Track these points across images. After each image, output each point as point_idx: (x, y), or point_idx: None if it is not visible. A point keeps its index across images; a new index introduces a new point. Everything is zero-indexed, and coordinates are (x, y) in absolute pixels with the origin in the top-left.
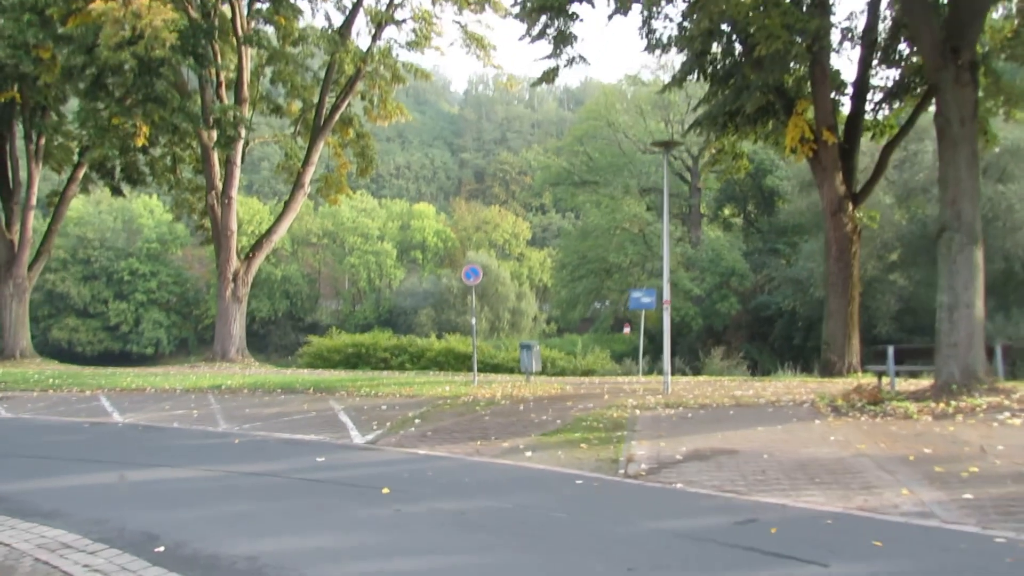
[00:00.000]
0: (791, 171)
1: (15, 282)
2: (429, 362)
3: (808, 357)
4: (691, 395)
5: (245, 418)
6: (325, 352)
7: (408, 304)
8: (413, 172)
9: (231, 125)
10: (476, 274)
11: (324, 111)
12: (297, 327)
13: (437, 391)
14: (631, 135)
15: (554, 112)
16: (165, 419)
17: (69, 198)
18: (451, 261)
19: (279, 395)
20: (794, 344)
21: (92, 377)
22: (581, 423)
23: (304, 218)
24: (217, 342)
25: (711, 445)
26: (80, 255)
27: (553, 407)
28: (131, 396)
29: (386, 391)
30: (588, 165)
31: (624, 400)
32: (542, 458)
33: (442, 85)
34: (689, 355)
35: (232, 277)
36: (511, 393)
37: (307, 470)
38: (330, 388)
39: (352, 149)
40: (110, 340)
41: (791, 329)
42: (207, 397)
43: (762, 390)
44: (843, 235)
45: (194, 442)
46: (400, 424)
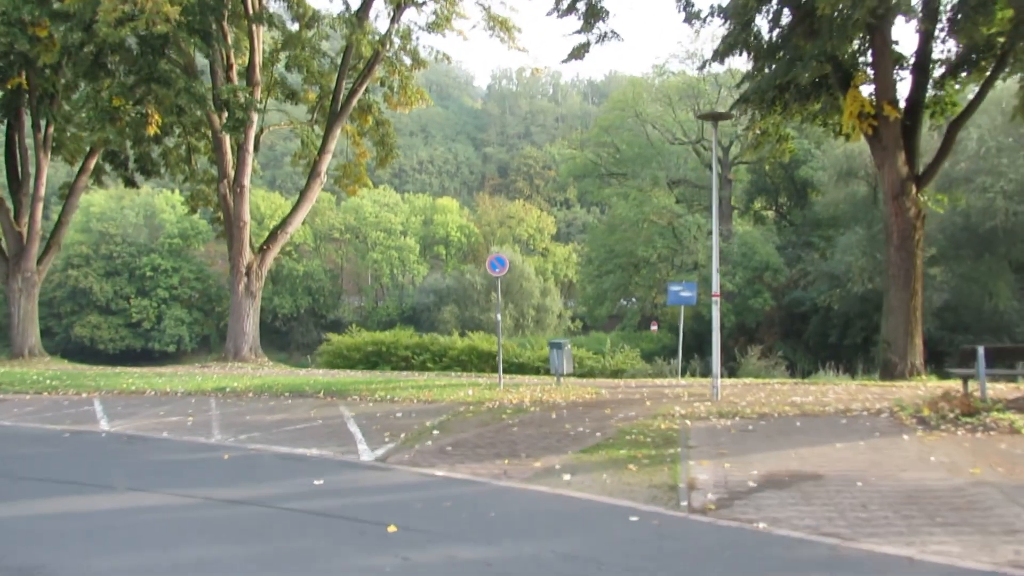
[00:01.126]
0: (827, 161)
1: (24, 276)
2: (451, 361)
3: (846, 356)
4: (744, 401)
5: (243, 427)
6: (345, 350)
7: (431, 300)
8: (436, 167)
9: (240, 107)
10: (502, 264)
11: (341, 97)
12: (319, 324)
13: (459, 396)
14: (659, 126)
15: (578, 106)
16: (155, 427)
17: (80, 189)
18: (474, 256)
19: (286, 399)
20: (829, 342)
21: (93, 378)
22: (625, 436)
23: (326, 213)
24: (229, 340)
25: (787, 467)
26: (102, 251)
27: (590, 416)
28: (127, 400)
29: (403, 395)
30: (615, 157)
31: (669, 408)
32: (583, 483)
33: (465, 80)
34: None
35: (245, 270)
36: (541, 398)
37: (300, 497)
38: (342, 391)
39: (371, 137)
40: (132, 337)
41: (826, 326)
42: (208, 401)
43: (822, 396)
44: (906, 221)
45: (178, 457)
46: (416, 436)
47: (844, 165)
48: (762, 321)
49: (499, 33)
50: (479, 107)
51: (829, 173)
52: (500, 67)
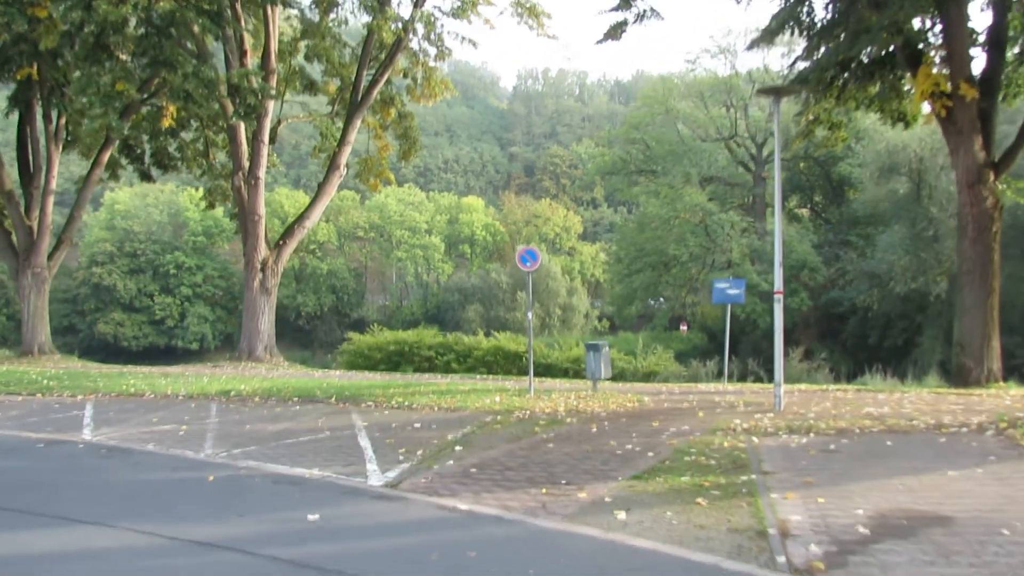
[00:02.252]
0: (868, 156)
1: (34, 271)
2: (476, 362)
3: (886, 358)
4: (811, 413)
5: (240, 438)
6: (366, 350)
7: (456, 299)
8: (462, 166)
9: (252, 93)
10: (533, 258)
11: (362, 87)
12: (343, 322)
13: (485, 403)
14: (689, 122)
15: (605, 105)
16: (142, 437)
17: (93, 183)
18: (500, 255)
19: (293, 405)
20: (868, 343)
21: (94, 379)
22: (683, 457)
23: (351, 211)
24: (243, 339)
25: (898, 504)
26: (127, 248)
27: (636, 430)
28: (123, 404)
29: (422, 402)
30: (645, 154)
31: (727, 420)
32: (644, 524)
33: (491, 81)
34: (755, 355)
35: (260, 266)
36: (577, 407)
37: (286, 539)
38: (356, 397)
39: (394, 131)
40: (155, 335)
41: (865, 327)
42: (209, 406)
43: (898, 406)
44: (982, 211)
45: (156, 476)
46: (435, 453)
47: (886, 161)
48: (798, 322)
49: (527, 20)
50: (505, 107)
51: (870, 169)
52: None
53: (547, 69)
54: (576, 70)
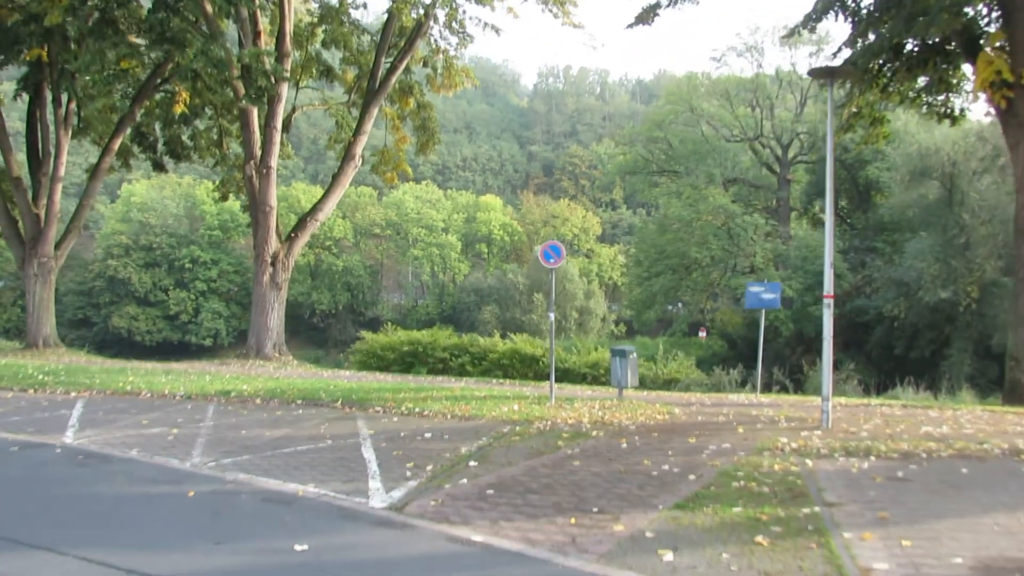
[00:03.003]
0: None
1: (40, 261)
2: (492, 364)
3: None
4: (862, 431)
5: (233, 445)
6: (379, 350)
7: (472, 300)
8: (480, 164)
9: (263, 75)
10: (557, 254)
11: (380, 73)
12: (358, 321)
13: (502, 411)
14: (713, 121)
15: (626, 105)
16: (127, 442)
17: (103, 171)
18: (517, 256)
19: (296, 409)
20: (894, 354)
21: (92, 375)
22: (731, 482)
23: (367, 208)
24: (251, 335)
25: (1000, 549)
26: (142, 241)
27: (672, 446)
28: (116, 403)
29: (434, 408)
30: (667, 153)
31: (772, 438)
32: (697, 570)
33: (511, 79)
34: (777, 363)
35: (271, 260)
36: (602, 418)
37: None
38: (363, 401)
39: (412, 121)
40: (169, 330)
41: (891, 337)
42: (206, 408)
43: (957, 426)
44: None
45: (131, 490)
46: (447, 469)
47: (917, 164)
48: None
49: (552, 7)
50: (525, 105)
51: (901, 173)
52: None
53: (568, 67)
54: (597, 68)
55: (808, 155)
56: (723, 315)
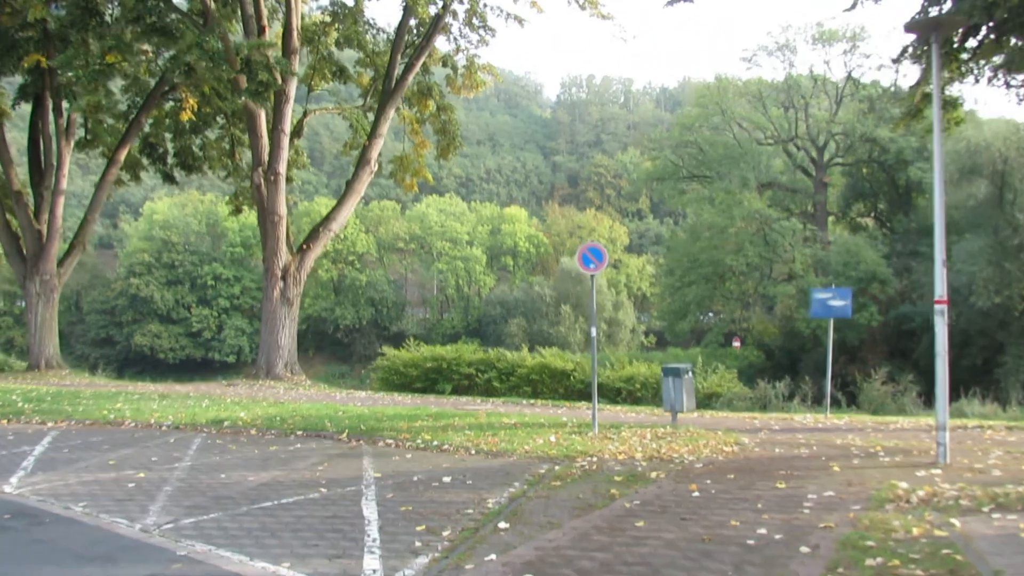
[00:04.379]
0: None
1: (42, 279)
2: (520, 380)
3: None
4: (992, 468)
5: (203, 497)
6: (401, 367)
7: (498, 313)
8: (504, 176)
9: (264, 68)
10: (599, 258)
11: (395, 73)
12: (382, 336)
13: (536, 444)
14: (745, 124)
15: (651, 113)
16: (78, 492)
17: (109, 183)
18: (543, 268)
19: (295, 442)
20: None
21: (78, 402)
22: (862, 559)
23: (391, 222)
24: (261, 354)
25: None
26: (165, 259)
27: (758, 495)
28: (90, 436)
29: (456, 441)
30: (697, 158)
31: (886, 482)
32: None
33: (534, 90)
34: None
35: (281, 273)
36: (658, 451)
37: None
38: (373, 431)
39: (432, 125)
40: (192, 347)
41: None
42: (190, 443)
43: None
44: None
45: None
46: (469, 535)
47: (967, 162)
48: (865, 338)
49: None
50: (548, 116)
51: (948, 172)
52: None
53: (591, 76)
54: (621, 77)
55: (844, 157)
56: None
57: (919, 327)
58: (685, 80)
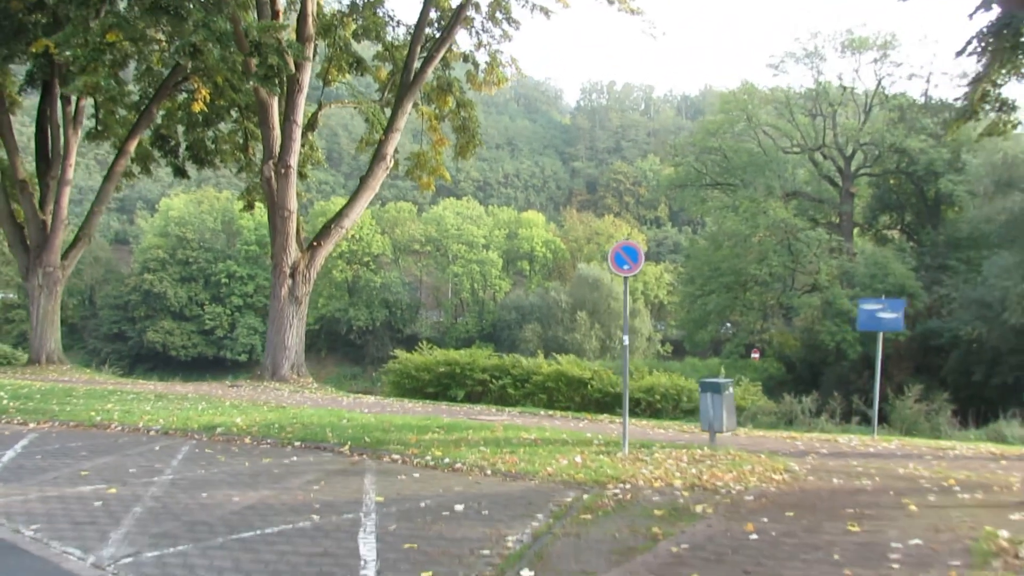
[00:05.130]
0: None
1: (45, 271)
2: (535, 388)
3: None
4: None
5: (176, 522)
6: (413, 371)
7: (512, 318)
8: (522, 180)
9: (275, 51)
10: (634, 258)
11: (414, 65)
12: (395, 338)
13: (559, 464)
14: (770, 131)
15: (671, 120)
16: (33, 511)
17: (118, 174)
18: (560, 273)
19: (291, 454)
20: (973, 380)
21: (68, 400)
22: None
23: (407, 223)
24: (267, 355)
25: None
26: (179, 255)
27: (829, 539)
28: (69, 440)
29: (470, 458)
30: (721, 165)
31: (979, 528)
32: None
33: (554, 95)
34: (840, 388)
35: (290, 271)
36: (700, 478)
37: None
38: (379, 444)
39: (451, 122)
40: (204, 345)
41: (969, 362)
42: (176, 451)
43: None
44: None
45: None
46: None
47: (1003, 174)
48: (891, 353)
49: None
50: (567, 122)
51: (984, 184)
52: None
53: (612, 82)
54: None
55: (872, 167)
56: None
57: (947, 343)
58: (707, 88)
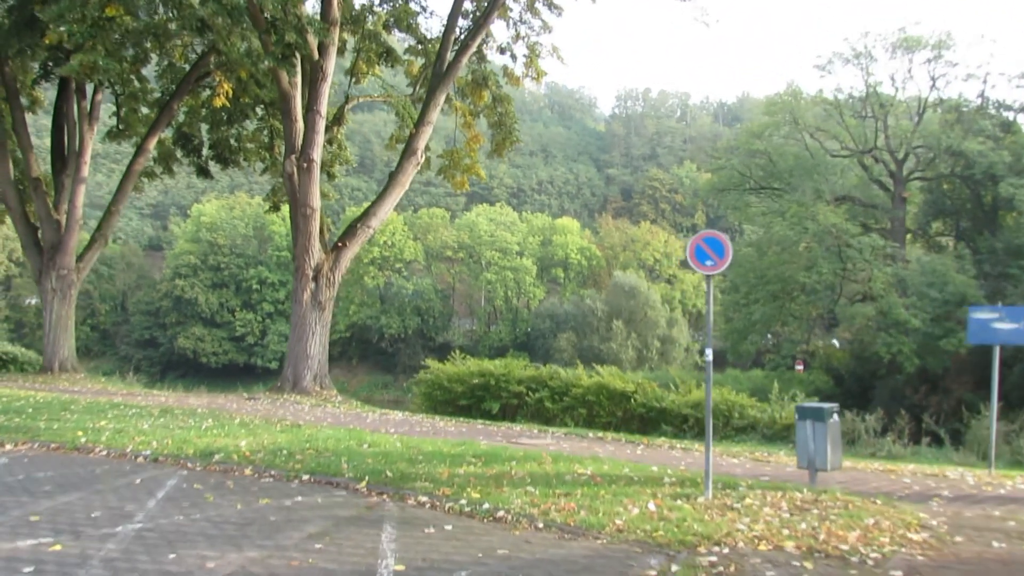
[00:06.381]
0: None
1: (59, 274)
2: (575, 401)
3: None
4: None
5: None
6: (445, 382)
7: (547, 326)
8: (556, 187)
9: (293, 28)
10: (719, 252)
11: (448, 54)
12: (427, 346)
13: (630, 515)
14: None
15: (708, 127)
16: None
17: (136, 172)
18: (595, 281)
19: (296, 491)
20: None
21: (60, 415)
22: None
23: (440, 230)
24: (288, 365)
25: None
26: (210, 261)
27: None
28: (39, 467)
29: (516, 503)
30: (766, 169)
31: None
32: None
33: (588, 103)
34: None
35: (313, 274)
36: (814, 537)
37: None
38: (403, 479)
39: (486, 118)
40: (235, 351)
41: None
42: (158, 488)
43: None
44: None
45: None
46: None
47: None
48: (950, 367)
49: None
50: (602, 129)
51: None
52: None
53: (647, 89)
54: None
55: (925, 171)
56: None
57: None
58: (744, 95)
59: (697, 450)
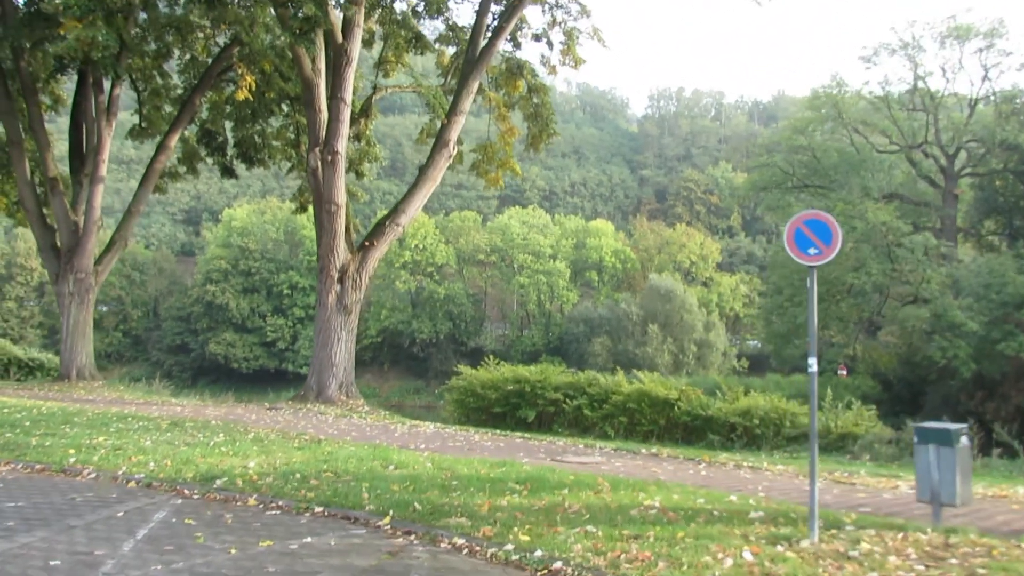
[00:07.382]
0: None
1: (76, 277)
2: (615, 408)
3: None
4: None
5: None
6: (479, 388)
7: (580, 331)
8: (589, 189)
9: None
10: (826, 238)
11: (480, 40)
12: (459, 351)
13: (723, 571)
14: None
15: (743, 127)
16: None
17: (157, 172)
18: (630, 284)
19: (305, 529)
20: None
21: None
22: None
23: (471, 233)
24: (312, 373)
25: None
26: (241, 266)
27: None
28: (11, 496)
29: (574, 549)
30: (809, 166)
31: None
32: None
33: (620, 104)
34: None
35: (338, 275)
36: None
37: None
38: (435, 512)
39: (521, 110)
40: (266, 357)
41: None
42: (143, 523)
43: None
44: None
45: None
46: None
47: None
48: (1008, 372)
49: None
50: (635, 130)
51: None
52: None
53: (680, 89)
54: (711, 90)
55: (977, 166)
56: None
57: None
58: (780, 94)
59: (767, 470)
